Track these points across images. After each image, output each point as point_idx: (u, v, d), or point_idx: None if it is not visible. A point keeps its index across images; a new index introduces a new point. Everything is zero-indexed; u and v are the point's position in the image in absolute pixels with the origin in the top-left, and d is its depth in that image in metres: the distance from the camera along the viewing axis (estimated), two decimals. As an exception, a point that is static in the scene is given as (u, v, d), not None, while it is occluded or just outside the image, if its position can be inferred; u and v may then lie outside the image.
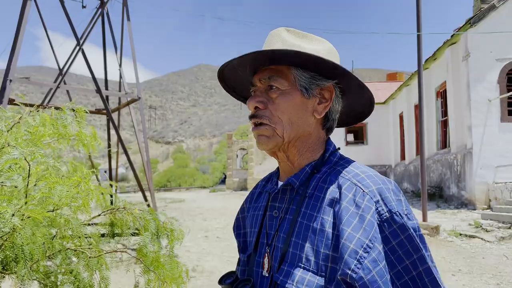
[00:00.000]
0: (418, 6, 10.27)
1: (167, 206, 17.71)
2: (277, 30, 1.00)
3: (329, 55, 0.98)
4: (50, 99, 9.60)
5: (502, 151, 12.32)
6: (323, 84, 0.98)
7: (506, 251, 7.87)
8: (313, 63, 0.94)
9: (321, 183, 0.95)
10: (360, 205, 0.86)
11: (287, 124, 0.96)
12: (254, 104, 0.98)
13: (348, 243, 0.82)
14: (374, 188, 0.88)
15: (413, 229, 0.85)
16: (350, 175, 0.92)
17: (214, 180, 49.45)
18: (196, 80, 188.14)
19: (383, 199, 0.86)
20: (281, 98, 0.96)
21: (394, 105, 21.59)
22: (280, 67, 0.97)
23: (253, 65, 0.99)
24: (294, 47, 0.95)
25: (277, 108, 0.96)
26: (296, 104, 0.96)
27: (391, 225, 0.84)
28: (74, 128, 2.63)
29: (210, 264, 7.21)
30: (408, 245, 0.84)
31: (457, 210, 12.36)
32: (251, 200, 1.18)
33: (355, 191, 0.88)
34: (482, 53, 12.82)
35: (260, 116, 0.97)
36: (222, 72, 1.04)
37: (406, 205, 0.88)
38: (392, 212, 0.85)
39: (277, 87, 0.96)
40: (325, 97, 0.99)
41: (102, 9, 10.91)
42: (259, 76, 0.99)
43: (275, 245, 0.97)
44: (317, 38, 1.01)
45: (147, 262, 2.03)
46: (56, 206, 1.71)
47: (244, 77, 1.04)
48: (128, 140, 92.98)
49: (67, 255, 2.04)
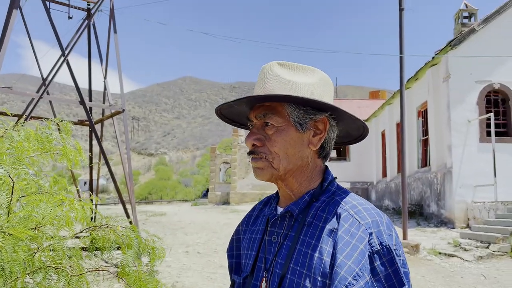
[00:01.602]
0: (401, 28, 10.53)
1: (148, 220, 17.48)
2: (269, 65, 1.03)
3: (320, 86, 1.02)
4: (32, 109, 9.46)
5: (480, 171, 12.58)
6: (316, 117, 1.02)
7: (484, 270, 7.98)
8: (308, 101, 0.98)
9: (319, 212, 0.99)
10: (354, 235, 0.90)
11: (283, 158, 1.00)
12: (251, 142, 1.02)
13: (339, 270, 0.87)
14: (370, 220, 0.92)
15: (399, 264, 0.89)
16: (348, 206, 0.97)
17: (196, 193, 49.07)
18: (181, 92, 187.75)
19: (377, 232, 0.91)
20: (277, 135, 1.00)
21: (377, 123, 21.91)
22: (274, 104, 1.01)
23: (248, 102, 1.03)
24: (286, 83, 0.99)
25: (273, 144, 1.00)
26: (291, 139, 1.00)
27: (381, 258, 0.88)
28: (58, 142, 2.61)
29: (190, 280, 7.13)
30: (394, 279, 0.88)
31: (436, 229, 12.52)
32: (247, 222, 1.20)
33: (351, 222, 0.93)
34: (462, 74, 13.16)
35: (258, 153, 1.01)
36: (220, 110, 1.09)
37: (396, 241, 0.93)
38: (383, 245, 0.89)
39: (272, 124, 1.00)
40: (320, 129, 1.03)
41: (89, 20, 10.87)
42: (255, 113, 1.03)
43: (273, 270, 0.99)
44: (309, 69, 1.04)
45: (129, 281, 2.01)
46: (39, 224, 1.69)
47: (240, 110, 1.08)
48: (110, 151, 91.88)
49: (48, 273, 2.01)
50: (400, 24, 10.53)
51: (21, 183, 2.20)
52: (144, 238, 2.75)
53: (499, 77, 13.24)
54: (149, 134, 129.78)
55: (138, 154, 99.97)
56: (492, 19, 13.30)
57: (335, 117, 1.04)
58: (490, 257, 8.95)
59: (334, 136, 1.07)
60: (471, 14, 15.41)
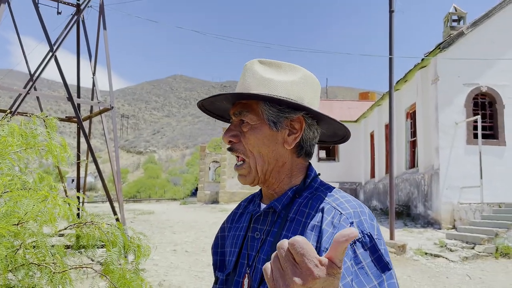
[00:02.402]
0: (391, 30, 10.61)
1: (136, 218, 17.38)
2: (250, 63, 1.04)
3: (300, 84, 1.02)
4: (19, 104, 9.33)
5: (467, 172, 12.72)
6: (292, 116, 1.01)
7: (469, 271, 8.08)
8: (277, 100, 0.98)
9: (302, 207, 0.99)
10: (336, 225, 0.91)
11: (258, 157, 1.01)
12: (228, 138, 1.04)
13: None
14: (351, 211, 0.93)
15: (382, 251, 0.89)
16: (330, 199, 0.97)
17: (185, 192, 48.90)
18: (171, 91, 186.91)
19: (358, 221, 0.91)
20: (251, 132, 1.01)
21: (366, 124, 22.04)
22: (250, 102, 1.02)
23: (227, 99, 1.05)
24: (264, 81, 1.00)
25: (247, 142, 1.02)
26: (265, 138, 1.01)
27: (363, 246, 0.88)
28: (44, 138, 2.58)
29: (177, 279, 7.10)
30: (377, 265, 0.87)
31: (423, 229, 12.64)
32: (232, 220, 1.20)
33: (333, 214, 0.93)
34: (450, 77, 13.30)
35: (235, 149, 1.04)
36: (204, 106, 1.12)
37: (378, 231, 0.93)
38: (365, 233, 0.89)
39: (247, 122, 1.02)
40: (295, 128, 1.03)
41: (78, 16, 10.75)
42: (233, 110, 1.05)
43: (255, 266, 1.00)
44: (290, 67, 1.04)
45: (113, 279, 2.00)
46: (22, 220, 1.67)
47: (224, 106, 1.10)
48: (98, 148, 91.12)
49: (30, 270, 1.98)
50: (390, 26, 10.61)
51: (5, 178, 2.17)
52: (130, 236, 2.73)
53: (486, 80, 13.41)
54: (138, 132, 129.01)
55: (127, 152, 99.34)
56: (481, 22, 13.46)
57: (314, 116, 1.04)
58: (475, 258, 9.06)
59: (316, 135, 1.07)
60: (460, 17, 15.60)
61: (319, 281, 0.62)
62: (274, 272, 0.66)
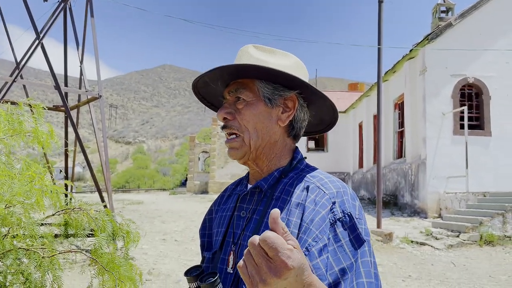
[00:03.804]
0: (380, 20, 10.64)
1: (125, 208, 17.34)
2: (246, 47, 1.08)
3: (293, 68, 1.06)
4: (5, 93, 9.21)
5: (453, 162, 12.91)
6: (286, 94, 1.05)
7: (454, 258, 8.24)
8: (274, 76, 1.02)
9: (287, 187, 1.03)
10: (318, 203, 0.94)
11: (253, 132, 1.04)
12: (223, 115, 1.06)
13: (303, 235, 0.91)
14: (334, 191, 0.97)
15: (360, 230, 0.93)
16: (315, 180, 1.01)
17: (175, 182, 48.77)
18: (160, 81, 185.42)
19: (340, 201, 0.95)
20: (246, 108, 1.04)
21: (354, 115, 22.15)
22: (246, 80, 1.05)
23: (222, 80, 1.07)
24: (259, 62, 1.03)
25: (243, 117, 1.04)
26: (260, 114, 1.04)
27: (343, 225, 0.92)
28: (31, 125, 2.57)
29: (166, 267, 7.14)
30: (355, 243, 0.91)
31: (410, 218, 12.82)
32: (219, 202, 1.23)
33: (317, 193, 0.97)
34: (438, 68, 13.42)
35: (229, 126, 1.06)
36: (197, 88, 1.13)
37: (359, 211, 0.97)
38: (345, 213, 0.93)
39: (243, 98, 1.05)
40: (289, 106, 1.07)
41: (65, 3, 10.59)
42: (228, 89, 1.07)
43: (241, 244, 1.02)
44: (283, 53, 1.09)
45: (102, 262, 2.02)
46: (9, 203, 1.68)
47: (217, 90, 1.12)
48: (86, 138, 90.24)
49: (18, 255, 1.99)
50: (379, 16, 10.64)
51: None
52: (119, 223, 2.75)
53: (473, 71, 13.55)
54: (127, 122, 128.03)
55: (115, 142, 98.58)
56: (469, 14, 13.56)
57: (305, 97, 1.08)
58: (460, 246, 9.24)
59: (305, 118, 1.11)
60: (449, 8, 15.69)
61: (294, 270, 0.67)
62: (249, 268, 0.69)
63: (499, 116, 13.44)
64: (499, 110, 13.46)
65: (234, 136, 1.06)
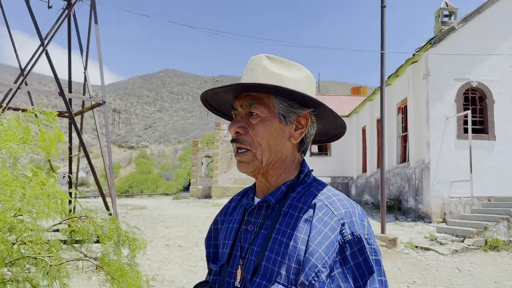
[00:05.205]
0: (382, 25, 10.66)
1: (128, 213, 17.36)
2: (258, 57, 1.06)
3: (306, 82, 1.06)
4: (10, 99, 9.25)
5: (457, 167, 12.87)
6: (300, 112, 1.05)
7: (459, 263, 8.20)
8: (291, 94, 1.01)
9: (295, 202, 1.03)
10: (327, 224, 0.94)
11: (266, 149, 1.03)
12: (235, 129, 1.05)
13: (310, 257, 0.91)
14: (343, 211, 0.97)
15: (369, 252, 0.94)
16: (323, 197, 1.01)
17: (178, 187, 48.81)
18: (163, 85, 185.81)
19: (349, 222, 0.95)
20: (261, 125, 1.03)
21: (358, 119, 22.14)
22: (261, 95, 1.04)
23: (234, 90, 1.05)
24: (275, 76, 1.02)
25: (257, 134, 1.03)
26: (274, 131, 1.04)
27: (352, 247, 0.93)
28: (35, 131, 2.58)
29: (170, 273, 7.13)
30: (364, 267, 0.92)
31: (414, 223, 12.77)
32: (225, 213, 1.23)
33: (325, 211, 0.97)
34: (441, 72, 13.41)
35: (241, 141, 1.04)
36: (205, 96, 1.11)
37: (368, 230, 0.97)
38: (354, 235, 0.94)
39: (257, 114, 1.03)
40: (302, 124, 1.07)
41: (69, 10, 10.66)
42: (240, 102, 1.05)
43: (248, 258, 1.03)
44: (296, 66, 1.08)
45: (111, 270, 2.02)
46: (18, 212, 1.69)
47: (225, 98, 1.10)
48: (90, 143, 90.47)
49: (27, 263, 2.00)
50: (382, 21, 10.65)
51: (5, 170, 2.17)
52: (124, 230, 2.75)
53: (477, 76, 13.53)
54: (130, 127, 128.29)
55: (119, 147, 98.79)
56: (472, 18, 13.56)
57: (317, 114, 1.08)
58: (464, 251, 9.19)
59: (313, 133, 1.12)
60: (451, 12, 15.69)
61: None
62: None
63: (503, 120, 13.40)
64: (503, 114, 13.43)
65: (245, 150, 1.04)
